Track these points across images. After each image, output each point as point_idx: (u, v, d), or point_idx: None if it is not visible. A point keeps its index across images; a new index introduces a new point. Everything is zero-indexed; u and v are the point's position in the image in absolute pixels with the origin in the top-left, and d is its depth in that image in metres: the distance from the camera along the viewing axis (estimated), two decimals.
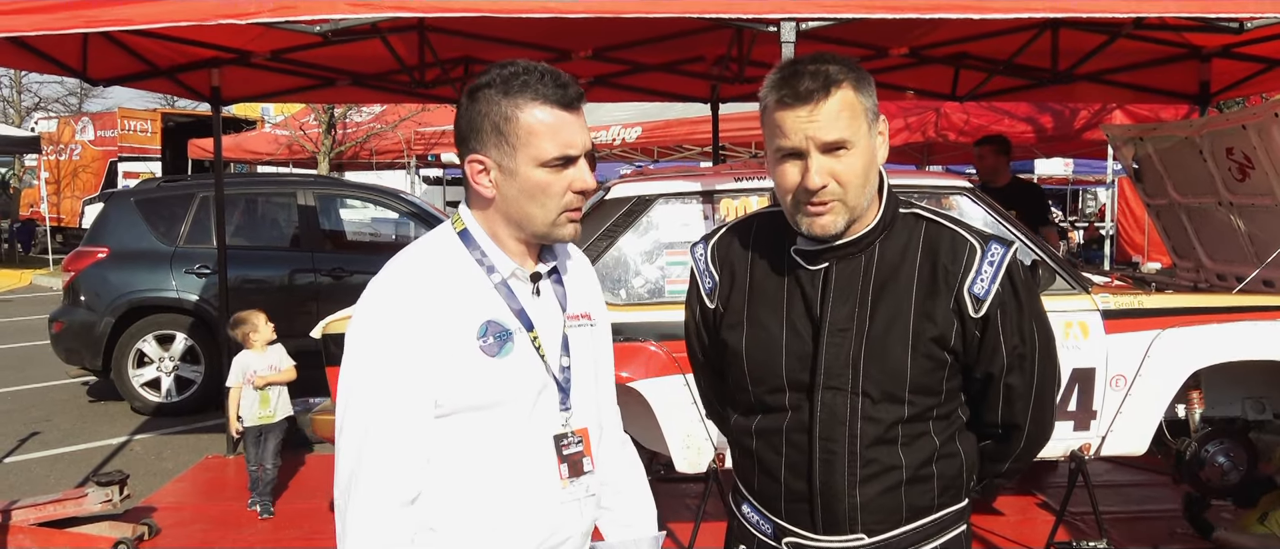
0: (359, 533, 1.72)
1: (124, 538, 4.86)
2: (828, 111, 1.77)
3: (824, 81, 1.76)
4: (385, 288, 1.78)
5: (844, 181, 1.79)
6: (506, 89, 1.75)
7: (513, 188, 1.78)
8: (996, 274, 1.83)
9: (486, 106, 1.76)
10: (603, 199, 4.66)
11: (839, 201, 1.80)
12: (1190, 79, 6.43)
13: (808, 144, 1.78)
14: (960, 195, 4.66)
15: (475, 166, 1.79)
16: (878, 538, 1.87)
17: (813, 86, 1.76)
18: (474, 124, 1.78)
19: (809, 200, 1.80)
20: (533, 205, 1.78)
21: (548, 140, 1.75)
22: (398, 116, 15.21)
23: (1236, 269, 5.22)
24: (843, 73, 1.78)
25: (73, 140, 22.57)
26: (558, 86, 1.75)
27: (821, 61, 1.79)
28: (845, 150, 1.78)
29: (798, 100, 1.77)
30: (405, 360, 1.72)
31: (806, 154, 1.78)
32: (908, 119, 10.59)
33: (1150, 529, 5.06)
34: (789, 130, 1.79)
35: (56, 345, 8.27)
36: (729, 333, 1.96)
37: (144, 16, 4.05)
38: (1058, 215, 22.10)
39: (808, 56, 1.82)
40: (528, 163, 1.75)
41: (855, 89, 1.79)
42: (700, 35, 5.90)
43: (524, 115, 1.74)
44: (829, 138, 1.77)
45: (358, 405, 1.74)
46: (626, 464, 2.09)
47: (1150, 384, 4.45)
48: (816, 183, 1.78)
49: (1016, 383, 1.89)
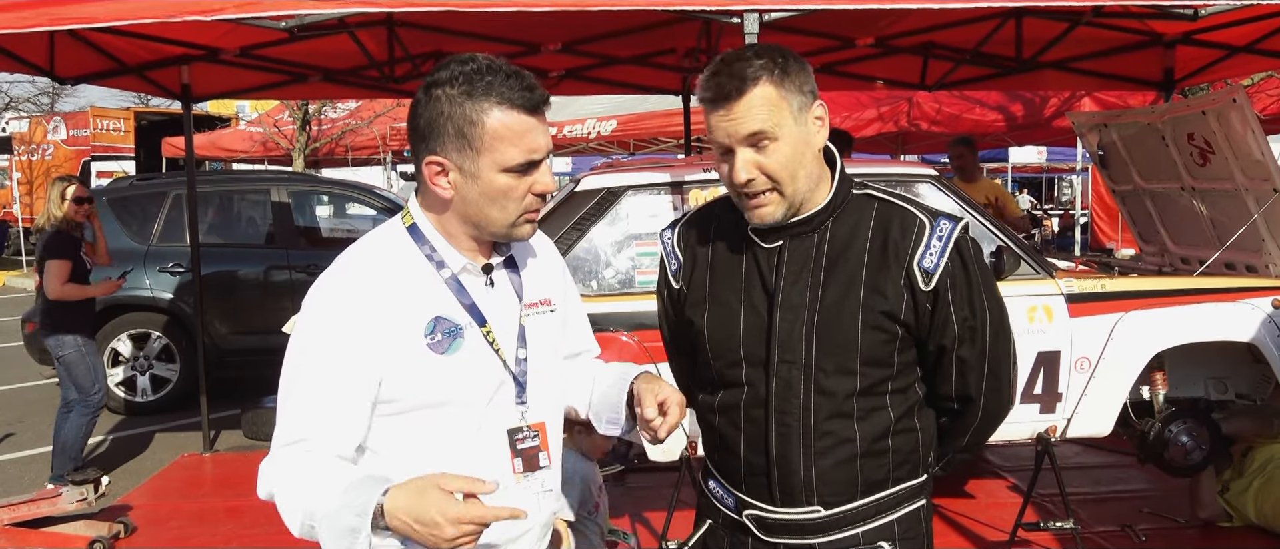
0: (279, 465, 1.71)
1: (100, 537, 4.86)
2: (744, 108, 1.81)
3: (739, 80, 1.81)
4: (329, 286, 1.75)
5: (770, 172, 1.83)
6: (470, 90, 1.68)
7: (473, 191, 1.73)
8: (945, 248, 1.87)
9: (449, 107, 1.69)
10: (572, 191, 4.69)
11: (771, 192, 1.85)
12: (1154, 66, 6.50)
13: (730, 141, 1.84)
14: (926, 183, 4.72)
15: (433, 167, 1.74)
16: (834, 510, 1.92)
17: (729, 86, 1.81)
18: (433, 124, 1.70)
19: (742, 193, 1.87)
20: (493, 208, 1.74)
21: (513, 146, 1.70)
22: (373, 112, 15.16)
23: (1200, 252, 5.31)
24: (762, 68, 1.81)
25: (45, 140, 22.34)
26: (524, 90, 1.70)
27: (743, 58, 1.83)
28: (768, 142, 1.82)
29: (718, 99, 1.83)
30: (347, 353, 1.70)
31: (733, 151, 1.84)
32: (880, 109, 10.66)
33: (1117, 509, 5.15)
34: (714, 129, 1.85)
35: (30, 346, 8.21)
36: (692, 311, 2.02)
37: (109, 14, 4.04)
38: (1032, 202, 22.30)
39: (733, 53, 1.86)
40: (491, 168, 1.70)
41: (777, 83, 1.82)
42: (669, 27, 5.93)
43: (489, 120, 1.68)
44: (746, 131, 1.82)
45: (299, 394, 1.72)
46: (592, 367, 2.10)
47: (1114, 366, 4.53)
48: (742, 177, 1.84)
49: (968, 355, 1.93)
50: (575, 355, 2.10)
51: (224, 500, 5.61)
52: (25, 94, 32.93)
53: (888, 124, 10.68)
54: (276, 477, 1.71)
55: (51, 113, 26.96)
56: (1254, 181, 4.73)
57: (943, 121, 10.39)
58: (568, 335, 2.04)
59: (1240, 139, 4.62)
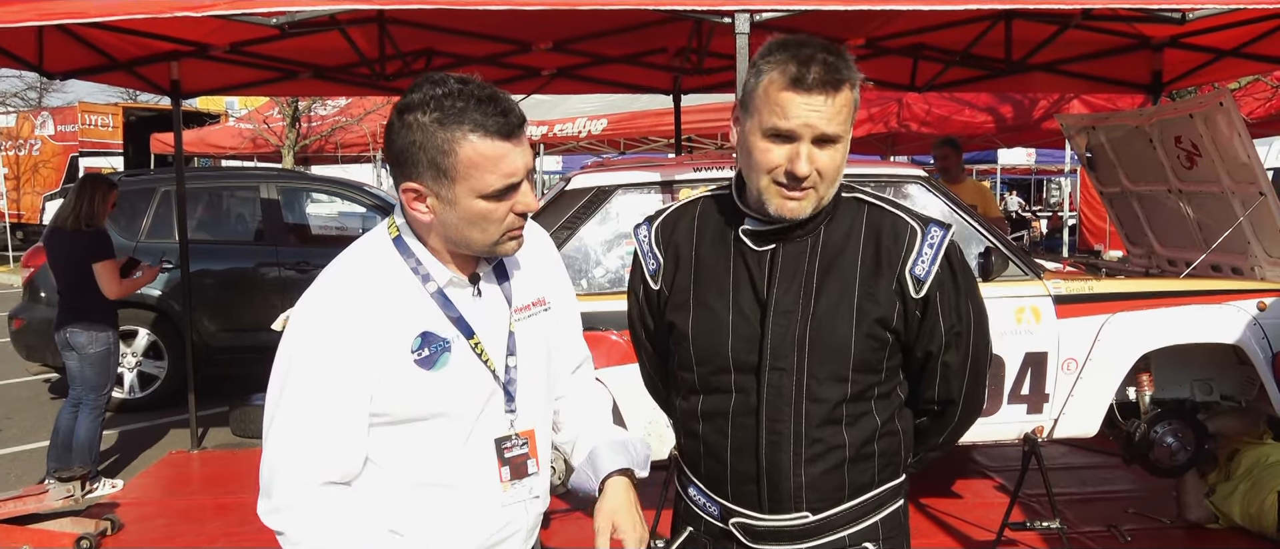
0: (291, 498, 1.70)
1: (86, 533, 4.84)
2: (834, 106, 1.76)
3: (837, 77, 1.75)
4: (316, 303, 1.73)
5: (825, 174, 1.80)
6: (442, 118, 1.62)
7: (453, 216, 1.70)
8: (936, 256, 1.87)
9: (421, 137, 1.63)
10: (563, 190, 4.70)
11: (814, 190, 1.82)
12: (1143, 69, 6.55)
13: (805, 132, 1.76)
14: (916, 184, 4.74)
15: (410, 194, 1.70)
16: (821, 516, 1.91)
17: (828, 76, 1.74)
18: (407, 154, 1.66)
19: (789, 184, 1.80)
20: (473, 231, 1.72)
21: (489, 173, 1.65)
22: (363, 110, 15.12)
23: (1186, 255, 5.34)
24: (855, 73, 1.78)
25: (32, 135, 22.22)
26: (499, 115, 1.63)
27: (839, 55, 1.77)
28: (835, 145, 1.79)
29: (809, 88, 1.74)
30: (342, 372, 1.69)
31: (799, 140, 1.77)
32: (871, 110, 10.68)
33: (1103, 510, 5.17)
34: (791, 113, 1.75)
35: (17, 342, 8.19)
36: (675, 314, 1.97)
37: (99, 9, 4.03)
38: (1021, 204, 22.36)
39: (824, 42, 1.79)
40: (468, 195, 1.66)
41: (856, 91, 1.80)
42: (660, 26, 5.93)
43: (463, 149, 1.63)
44: (829, 131, 1.77)
45: (298, 413, 1.70)
46: (590, 403, 2.11)
47: (1101, 367, 4.56)
48: (805, 170, 1.77)
49: (952, 360, 1.94)
50: (574, 370, 2.10)
51: (212, 497, 5.60)
52: (13, 89, 32.73)
53: (878, 125, 10.72)
54: (304, 524, 1.70)
55: (39, 108, 26.81)
56: (1240, 185, 4.76)
57: (932, 123, 10.43)
58: (560, 342, 2.02)
59: (1227, 142, 4.65)
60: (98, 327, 5.71)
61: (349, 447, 1.72)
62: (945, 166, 7.62)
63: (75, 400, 5.77)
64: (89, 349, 5.69)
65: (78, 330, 5.66)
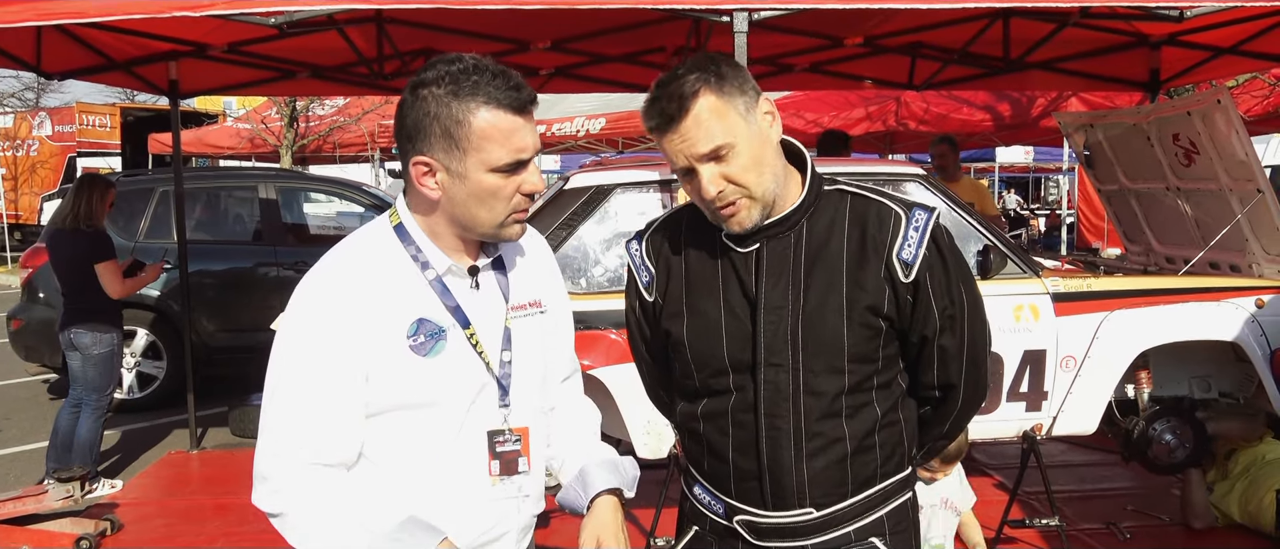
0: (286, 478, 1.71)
1: (86, 534, 4.84)
2: (692, 125, 1.80)
3: (679, 99, 1.79)
4: (314, 286, 1.75)
5: (737, 180, 1.83)
6: (457, 90, 1.67)
7: (461, 191, 1.72)
8: (922, 239, 1.88)
9: (435, 107, 1.68)
10: (561, 189, 4.70)
11: (743, 198, 1.84)
12: (1141, 67, 6.55)
13: (691, 161, 1.83)
14: (914, 183, 4.74)
15: (420, 168, 1.73)
16: (825, 511, 1.92)
17: (670, 109, 1.80)
18: (420, 125, 1.70)
19: (719, 205, 1.85)
20: (481, 209, 1.74)
21: (500, 146, 1.69)
22: (361, 109, 15.13)
23: (1184, 252, 5.35)
24: (697, 81, 1.80)
25: (30, 136, 22.20)
26: (511, 89, 1.69)
27: (676, 78, 1.82)
28: (731, 151, 1.81)
29: (665, 125, 1.82)
30: (337, 356, 1.70)
31: (696, 171, 1.83)
32: (868, 108, 10.69)
33: (1102, 507, 5.18)
34: (670, 153, 1.85)
35: (15, 343, 8.18)
36: (671, 323, 2.00)
37: (97, 9, 4.03)
38: (1019, 202, 22.39)
39: (665, 76, 1.85)
40: (478, 168, 1.70)
41: (717, 91, 1.80)
42: (659, 26, 5.93)
43: (476, 120, 1.67)
44: (704, 150, 1.81)
45: (293, 398, 1.72)
46: (580, 420, 2.10)
47: (1099, 365, 4.56)
48: (711, 192, 1.82)
49: (949, 343, 1.94)
50: (564, 380, 2.10)
51: (211, 497, 5.60)
52: (10, 89, 32.71)
53: (876, 123, 10.72)
54: (299, 502, 1.72)
55: (37, 108, 26.78)
56: (1238, 182, 4.77)
57: (930, 121, 10.43)
58: (553, 349, 2.02)
59: (1224, 140, 4.66)
60: (102, 327, 5.71)
61: (345, 428, 1.73)
62: (942, 164, 7.62)
63: (75, 401, 5.76)
64: (93, 350, 5.68)
65: (82, 331, 5.65)
